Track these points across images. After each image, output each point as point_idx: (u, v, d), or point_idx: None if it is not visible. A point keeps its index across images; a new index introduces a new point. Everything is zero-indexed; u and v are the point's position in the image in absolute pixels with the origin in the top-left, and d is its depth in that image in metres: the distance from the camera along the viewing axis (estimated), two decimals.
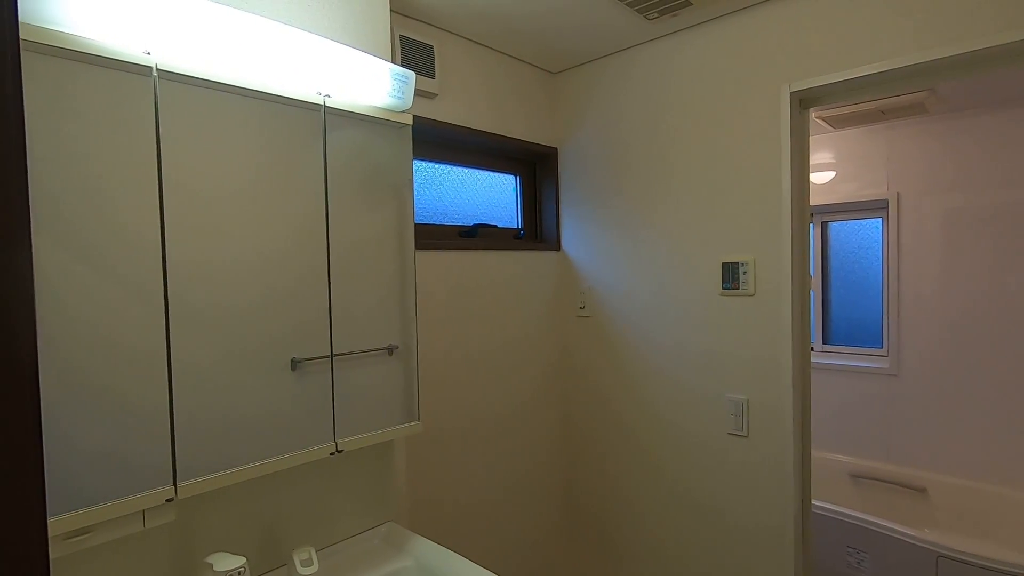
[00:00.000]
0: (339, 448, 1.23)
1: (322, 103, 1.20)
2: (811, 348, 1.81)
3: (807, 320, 1.75)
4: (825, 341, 3.24)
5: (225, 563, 0.99)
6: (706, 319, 1.87)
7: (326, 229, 1.22)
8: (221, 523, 1.12)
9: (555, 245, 2.31)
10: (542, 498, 2.25)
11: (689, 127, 1.89)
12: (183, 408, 0.99)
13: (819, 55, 1.60)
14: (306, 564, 1.12)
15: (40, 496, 0.36)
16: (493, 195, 2.21)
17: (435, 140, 1.94)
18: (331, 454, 1.22)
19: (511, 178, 2.30)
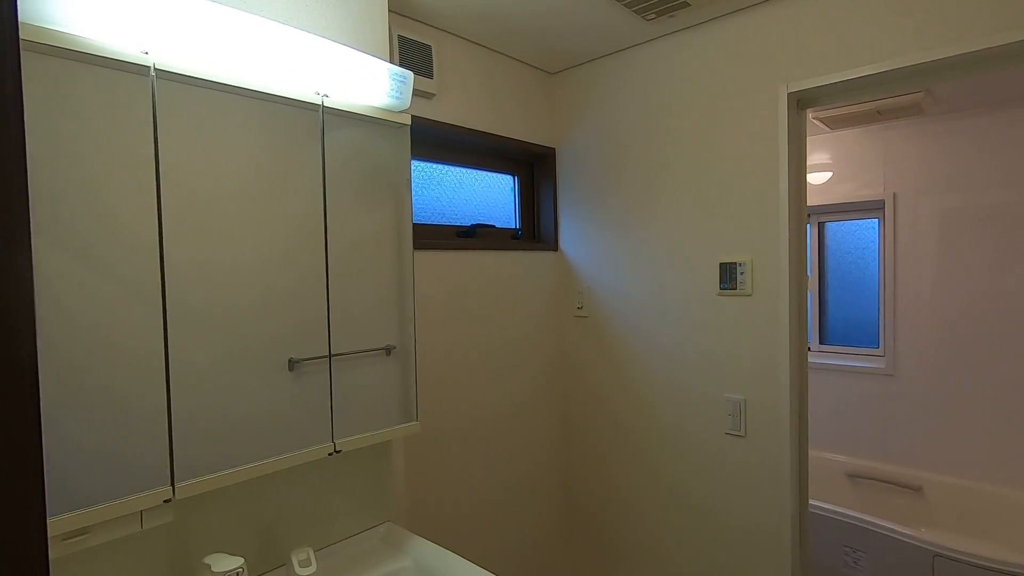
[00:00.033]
0: (337, 448, 1.23)
1: (320, 103, 1.20)
2: (808, 348, 1.82)
3: (804, 320, 1.75)
4: (822, 341, 3.25)
5: (223, 563, 0.99)
6: (704, 319, 1.88)
7: (324, 229, 1.22)
8: (219, 523, 1.12)
9: (553, 245, 2.31)
10: (540, 498, 2.25)
11: (687, 127, 1.89)
12: (181, 408, 0.99)
13: (817, 56, 1.60)
14: (304, 564, 1.12)
15: (40, 496, 0.36)
16: (491, 195, 2.21)
17: (433, 140, 1.94)
18: (329, 454, 1.22)
19: (509, 178, 2.30)
